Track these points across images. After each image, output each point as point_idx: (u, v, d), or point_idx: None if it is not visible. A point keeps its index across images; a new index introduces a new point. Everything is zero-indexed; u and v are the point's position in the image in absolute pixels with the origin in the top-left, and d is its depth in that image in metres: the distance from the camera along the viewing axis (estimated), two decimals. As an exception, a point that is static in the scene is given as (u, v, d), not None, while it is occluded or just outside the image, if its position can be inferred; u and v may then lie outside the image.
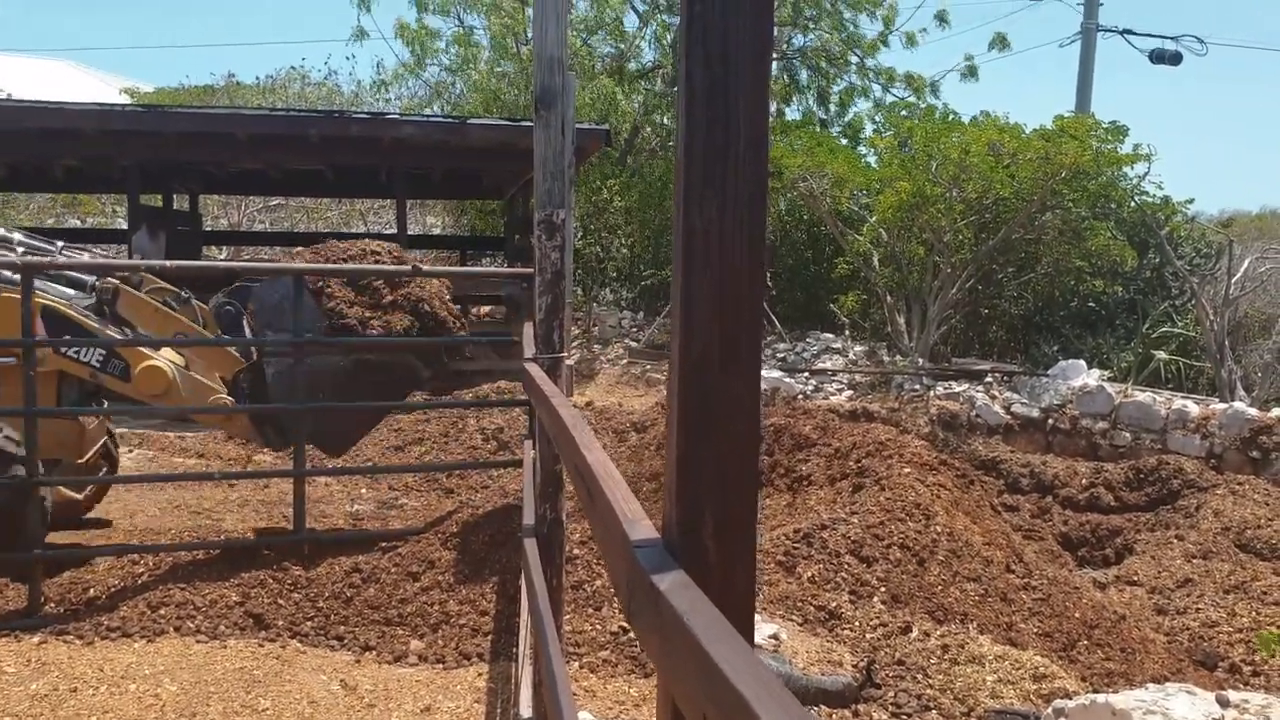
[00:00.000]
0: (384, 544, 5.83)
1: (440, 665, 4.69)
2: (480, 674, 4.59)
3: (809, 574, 5.65)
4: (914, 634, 5.07)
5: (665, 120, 20.79)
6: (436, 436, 9.99)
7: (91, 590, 5.27)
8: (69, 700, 4.09)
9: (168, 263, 6.72)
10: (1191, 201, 17.10)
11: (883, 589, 5.58)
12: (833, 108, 22.60)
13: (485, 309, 18.58)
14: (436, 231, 25.58)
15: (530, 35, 17.85)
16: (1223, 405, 10.98)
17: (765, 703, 0.92)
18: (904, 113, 18.55)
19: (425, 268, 6.53)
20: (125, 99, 23.89)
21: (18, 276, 5.34)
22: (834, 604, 5.34)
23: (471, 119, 13.69)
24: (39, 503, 5.35)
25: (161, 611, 5.05)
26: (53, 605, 5.16)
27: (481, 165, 13.93)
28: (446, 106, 20.98)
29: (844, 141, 20.60)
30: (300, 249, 7.06)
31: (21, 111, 12.20)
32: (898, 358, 14.67)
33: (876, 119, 20.10)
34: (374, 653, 4.81)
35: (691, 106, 1.30)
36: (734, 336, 1.34)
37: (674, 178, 1.39)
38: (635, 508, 1.53)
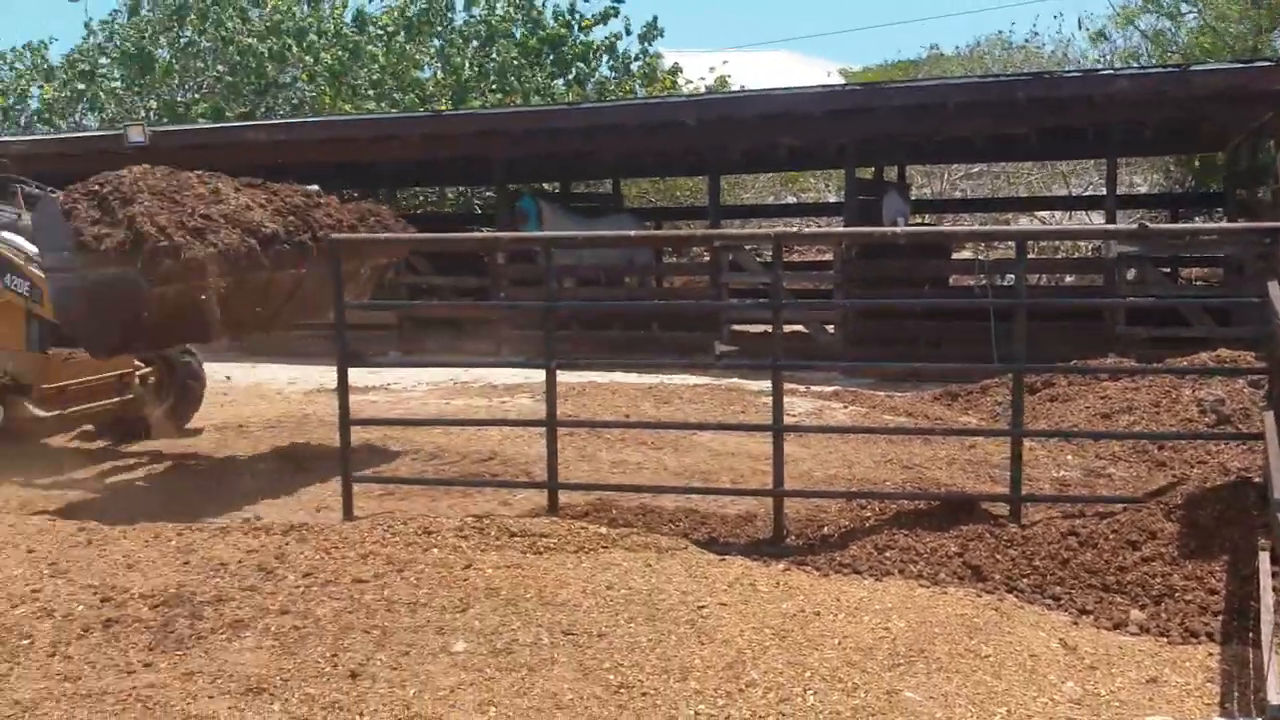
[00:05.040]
0: (1099, 510, 5.73)
1: (1164, 639, 4.53)
2: (1210, 654, 4.36)
3: None
4: None
5: None
6: (1146, 406, 9.48)
7: (825, 529, 5.88)
8: (814, 622, 4.61)
9: (899, 228, 7.09)
10: None
11: None
12: None
13: (1196, 271, 17.18)
14: (1142, 190, 24.07)
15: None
16: None
17: None
18: None
19: (1151, 226, 6.23)
20: (841, 80, 25.62)
21: None
22: None
23: (1194, 66, 12.66)
24: None
25: (887, 554, 5.47)
26: (793, 538, 5.85)
27: (1202, 114, 12.83)
28: (1166, 55, 19.56)
29: None
30: None
31: (749, 100, 13.82)
32: None
33: None
34: (1091, 616, 4.78)
35: None
36: None
37: None
38: None
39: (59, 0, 75.01)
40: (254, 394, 12.15)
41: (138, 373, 8.88)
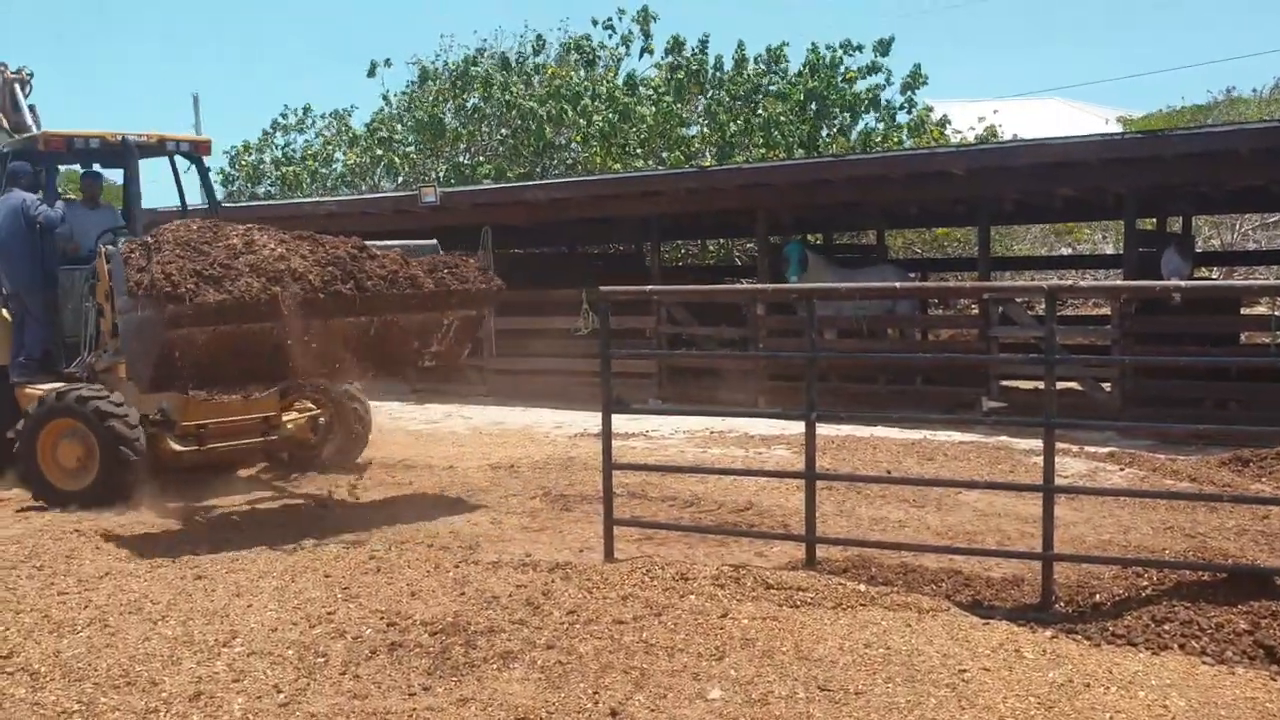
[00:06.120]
0: None
1: None
2: None
3: None
4: None
5: None
6: None
7: (1097, 596, 5.60)
8: (1083, 694, 4.40)
9: (1180, 283, 6.67)
10: None
11: None
12: None
13: None
14: None
15: None
16: None
17: None
18: None
19: None
20: (1117, 128, 24.41)
21: None
22: None
23: None
24: None
25: (1165, 626, 5.14)
26: (1062, 604, 5.60)
27: None
28: None
29: None
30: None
31: (1022, 150, 13.43)
32: None
33: None
34: None
35: None
36: None
37: None
38: None
39: (359, 74, 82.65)
40: (525, 437, 12.73)
41: (309, 414, 9.89)
